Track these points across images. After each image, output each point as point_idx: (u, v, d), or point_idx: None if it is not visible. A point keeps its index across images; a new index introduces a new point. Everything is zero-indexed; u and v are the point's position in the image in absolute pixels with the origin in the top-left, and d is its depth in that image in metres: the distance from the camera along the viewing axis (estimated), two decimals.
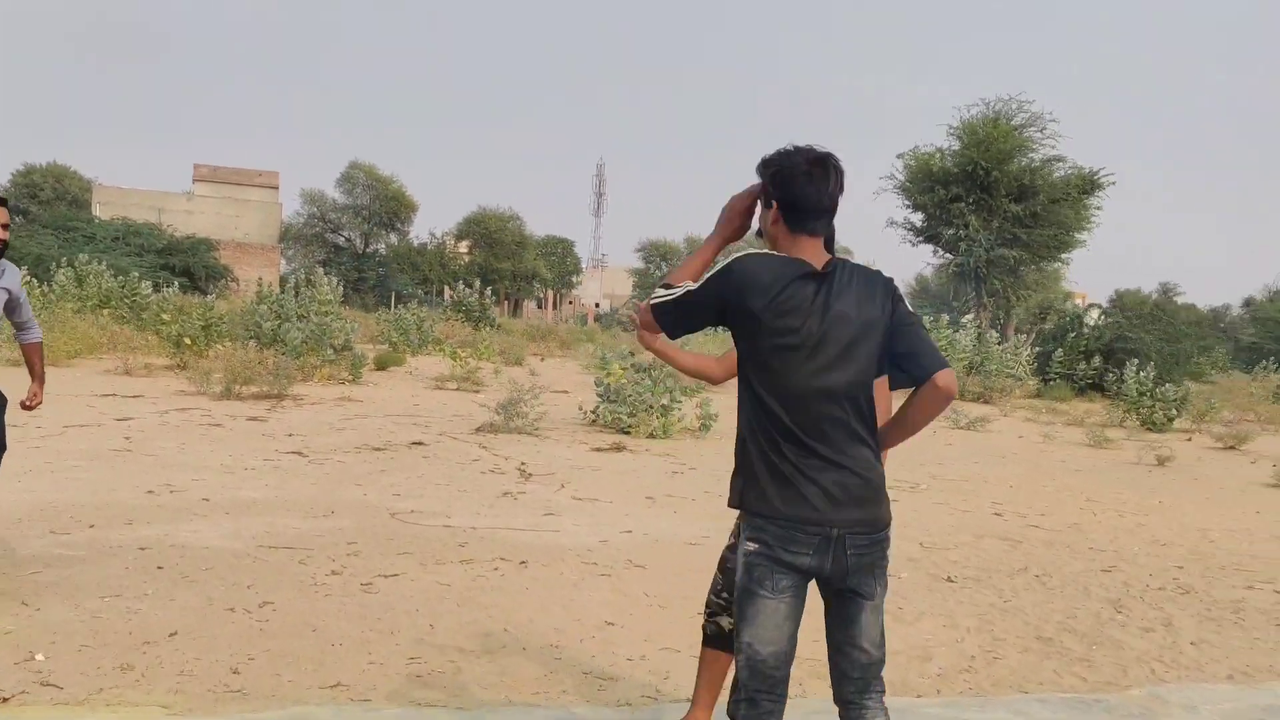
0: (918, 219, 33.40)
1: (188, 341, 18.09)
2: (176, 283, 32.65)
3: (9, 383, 5.97)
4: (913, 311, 2.66)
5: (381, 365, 20.76)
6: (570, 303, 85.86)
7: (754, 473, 2.55)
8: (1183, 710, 4.27)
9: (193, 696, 3.87)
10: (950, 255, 32.47)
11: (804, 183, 2.58)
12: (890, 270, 3.39)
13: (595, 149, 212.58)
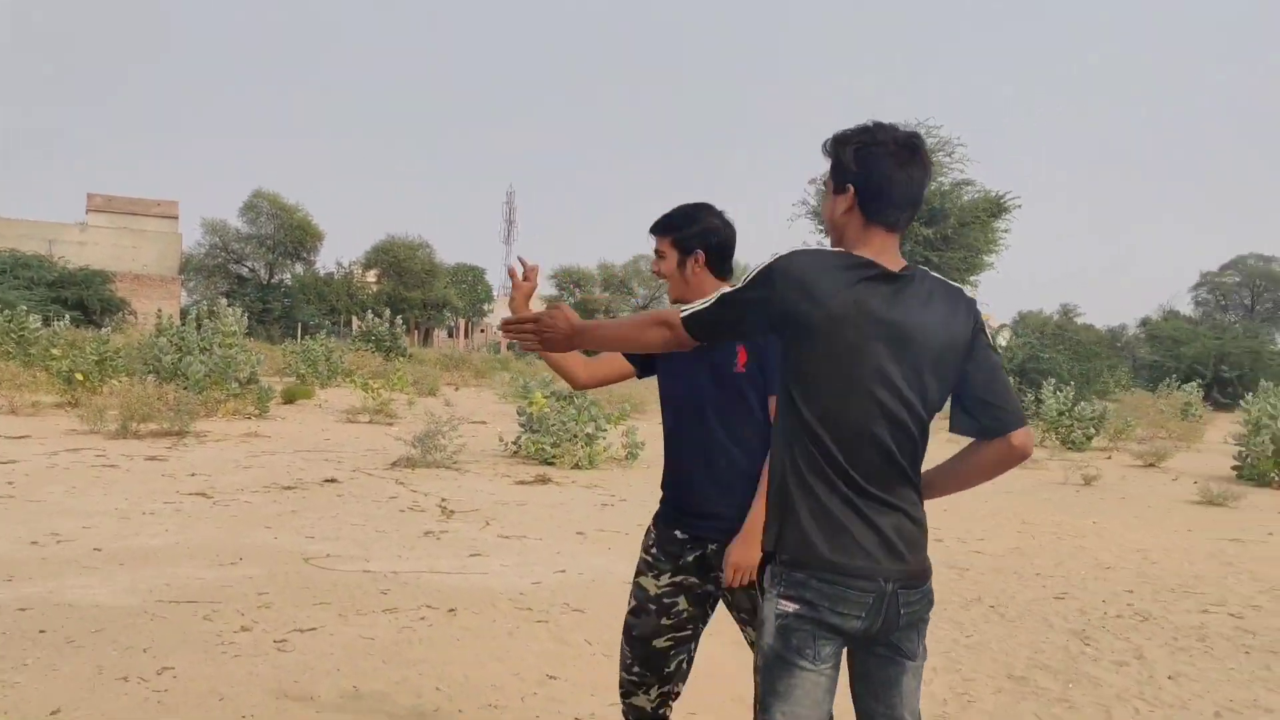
0: (829, 244, 33.55)
1: (80, 377, 17.09)
2: (68, 316, 31.20)
3: None
4: (994, 346, 2.26)
5: (289, 398, 19.98)
6: (482, 331, 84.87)
7: (796, 516, 2.12)
8: None
9: None
10: None
11: (892, 164, 2.16)
12: None
13: (505, 175, 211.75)
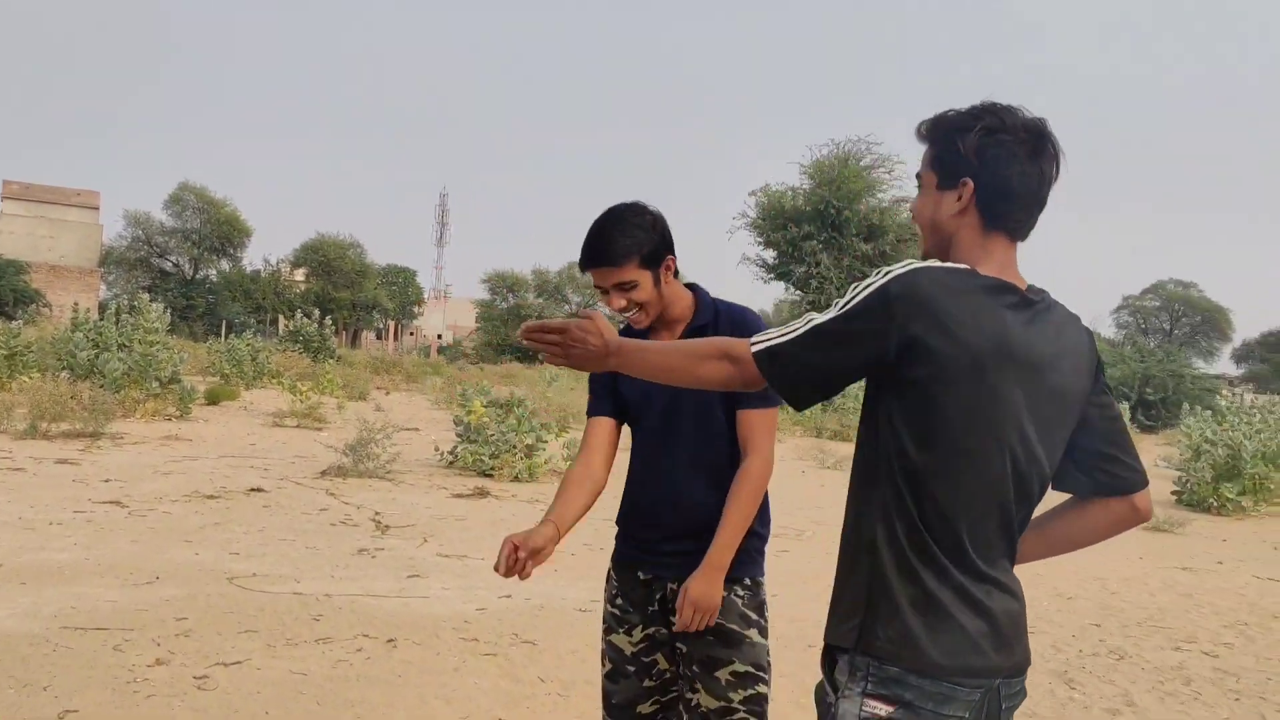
0: (770, 256, 33.58)
1: None
2: None
3: None
4: (1110, 390, 1.90)
5: (213, 399, 19.18)
6: (412, 334, 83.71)
7: (895, 607, 1.68)
8: None
9: None
10: (801, 293, 32.66)
11: (1023, 155, 1.75)
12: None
13: (439, 177, 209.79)
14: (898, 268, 1.69)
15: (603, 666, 2.70)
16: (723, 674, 2.48)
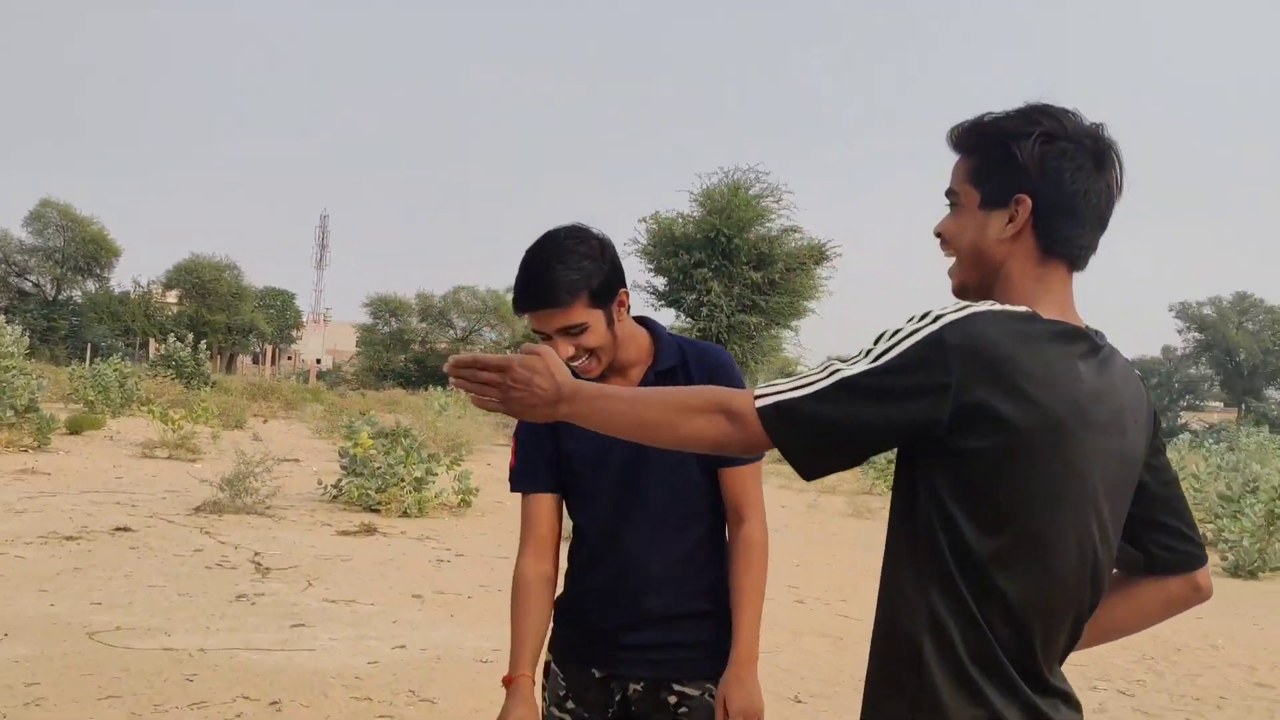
0: (660, 283, 33.50)
1: None
2: None
3: None
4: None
5: (75, 429, 18.08)
6: (290, 358, 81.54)
7: (943, 716, 1.33)
8: None
9: None
10: (692, 320, 32.63)
11: (1089, 169, 1.44)
12: None
13: (319, 198, 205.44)
14: (950, 311, 1.35)
15: None
16: None
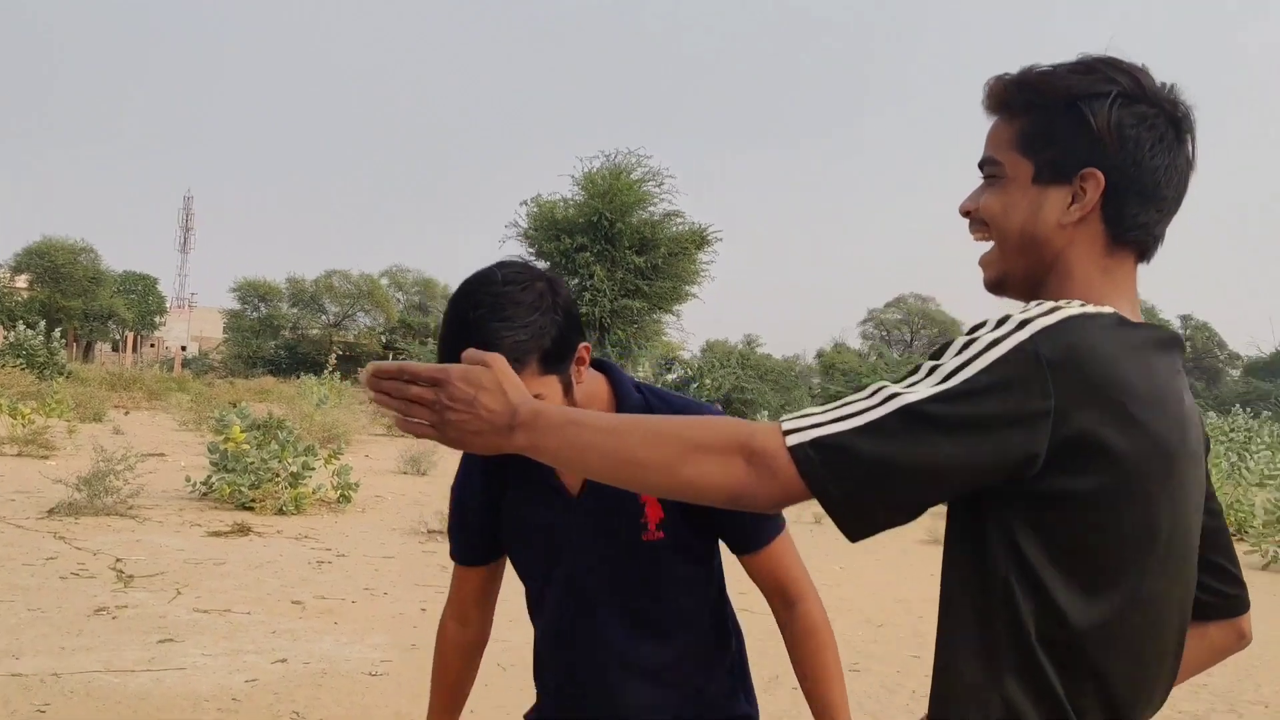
0: (542, 267, 33.15)
1: None
2: None
3: None
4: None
5: None
6: (153, 345, 78.26)
7: None
8: None
9: None
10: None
11: (1171, 140, 1.16)
12: None
13: (183, 179, 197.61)
14: (1038, 314, 1.06)
15: None
16: None
